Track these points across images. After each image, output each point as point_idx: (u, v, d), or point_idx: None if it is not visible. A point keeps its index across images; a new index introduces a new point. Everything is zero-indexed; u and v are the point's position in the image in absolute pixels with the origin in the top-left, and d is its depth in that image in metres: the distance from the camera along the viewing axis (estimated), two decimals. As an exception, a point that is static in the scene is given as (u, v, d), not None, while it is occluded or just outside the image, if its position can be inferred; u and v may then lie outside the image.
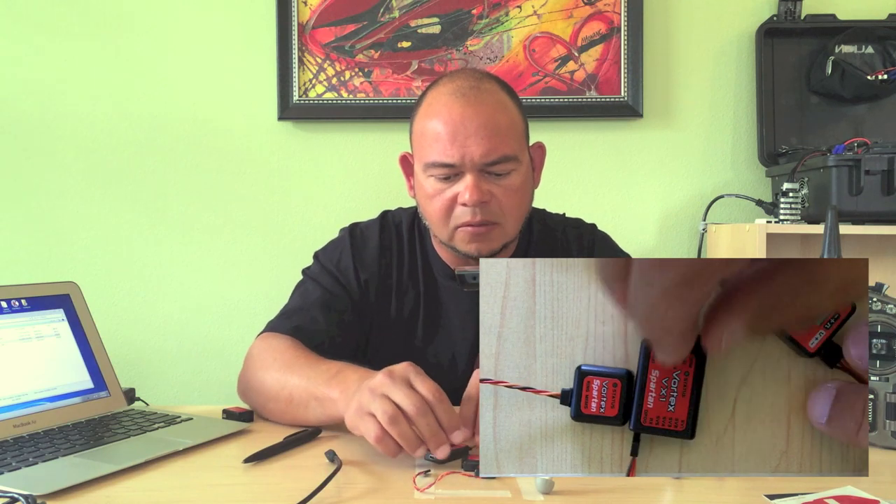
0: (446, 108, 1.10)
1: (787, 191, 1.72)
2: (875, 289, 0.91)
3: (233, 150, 2.04)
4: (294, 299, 1.21)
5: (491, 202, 1.10)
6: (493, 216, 1.11)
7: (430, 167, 1.11)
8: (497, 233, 1.13)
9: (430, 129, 1.11)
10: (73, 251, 2.04)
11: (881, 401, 0.90)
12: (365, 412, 0.82)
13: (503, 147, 1.09)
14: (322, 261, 1.24)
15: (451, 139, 1.08)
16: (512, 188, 1.12)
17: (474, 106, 1.09)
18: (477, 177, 1.08)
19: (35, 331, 1.01)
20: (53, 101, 2.03)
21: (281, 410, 1.02)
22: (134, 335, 2.03)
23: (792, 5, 1.97)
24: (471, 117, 1.08)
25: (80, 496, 0.75)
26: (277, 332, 1.14)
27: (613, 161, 2.04)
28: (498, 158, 1.09)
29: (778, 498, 0.73)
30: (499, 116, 1.10)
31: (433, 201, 1.12)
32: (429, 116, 1.12)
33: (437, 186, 1.12)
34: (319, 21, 2.01)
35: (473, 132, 1.07)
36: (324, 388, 0.94)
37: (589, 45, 2.01)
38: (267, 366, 1.06)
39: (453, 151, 1.08)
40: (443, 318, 1.21)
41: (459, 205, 1.10)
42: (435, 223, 1.15)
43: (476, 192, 1.08)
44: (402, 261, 1.23)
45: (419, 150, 1.14)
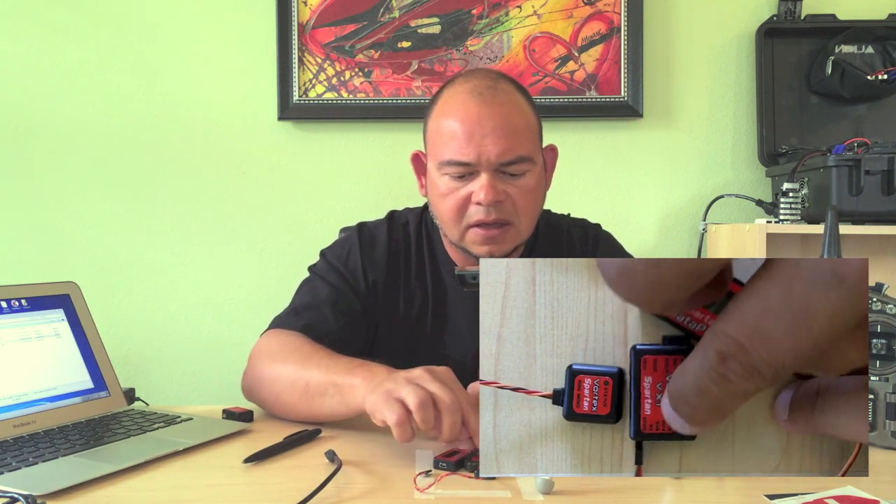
0: (463, 106, 1.10)
1: (787, 191, 1.72)
2: (875, 289, 0.91)
3: (233, 150, 2.04)
4: (302, 296, 1.20)
5: (506, 202, 1.10)
6: (507, 216, 1.11)
7: (445, 165, 1.11)
8: (511, 234, 1.12)
9: (445, 128, 1.11)
10: (73, 251, 2.04)
11: (881, 401, 0.90)
12: (393, 397, 0.82)
13: (519, 147, 1.09)
14: (330, 259, 1.23)
15: (468, 138, 1.08)
16: (527, 189, 1.12)
17: (491, 106, 1.09)
18: (492, 176, 1.09)
19: (35, 331, 1.01)
20: (53, 101, 2.03)
21: (295, 401, 1.00)
22: (134, 335, 2.03)
23: (792, 5, 1.97)
24: (487, 117, 1.08)
25: (80, 496, 0.75)
26: (286, 328, 1.13)
27: (613, 161, 2.04)
28: (514, 159, 1.09)
29: (778, 498, 0.73)
30: (515, 117, 1.11)
31: (446, 200, 1.12)
32: (445, 115, 1.12)
33: (451, 185, 1.11)
34: (319, 21, 2.01)
35: (490, 132, 1.08)
36: (346, 375, 0.93)
37: (589, 45, 2.01)
38: (283, 359, 1.04)
39: (469, 150, 1.08)
40: (451, 318, 1.21)
41: (474, 204, 1.10)
42: (447, 222, 1.15)
43: (492, 192, 1.08)
44: (409, 261, 1.23)
45: (434, 148, 1.14)
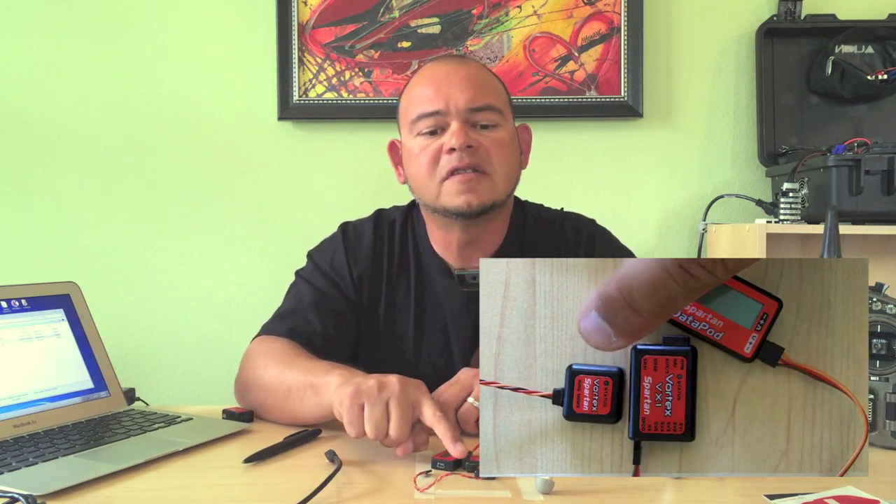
0: (431, 69, 1.16)
1: (787, 191, 1.72)
2: (875, 289, 0.91)
3: (233, 150, 2.04)
4: (288, 301, 1.21)
5: (479, 149, 1.11)
6: (480, 162, 1.11)
7: (417, 122, 1.13)
8: (486, 184, 1.11)
9: (416, 93, 1.15)
10: (73, 251, 2.04)
11: (881, 401, 0.90)
12: (359, 391, 0.84)
13: (487, 97, 1.12)
14: (316, 260, 1.24)
15: (436, 90, 1.12)
16: (500, 141, 1.13)
17: (458, 65, 1.15)
18: (463, 123, 1.11)
19: (35, 331, 1.01)
20: (53, 101, 2.03)
21: (279, 406, 1.01)
22: (134, 335, 2.03)
23: (792, 5, 1.97)
24: (455, 72, 1.13)
25: (80, 496, 0.75)
26: (272, 334, 1.14)
27: (613, 161, 2.04)
28: (482, 105, 1.11)
29: (778, 498, 0.73)
30: (482, 74, 1.16)
31: (419, 157, 1.13)
32: (413, 85, 1.17)
33: (423, 143, 1.13)
34: (319, 21, 2.01)
35: (457, 83, 1.12)
36: (322, 376, 0.95)
37: (589, 45, 2.01)
38: (265, 365, 1.06)
39: (438, 99, 1.11)
40: (437, 314, 1.21)
41: (445, 153, 1.11)
42: (422, 182, 1.14)
43: (462, 135, 1.09)
44: (393, 256, 1.23)
45: (405, 115, 1.16)
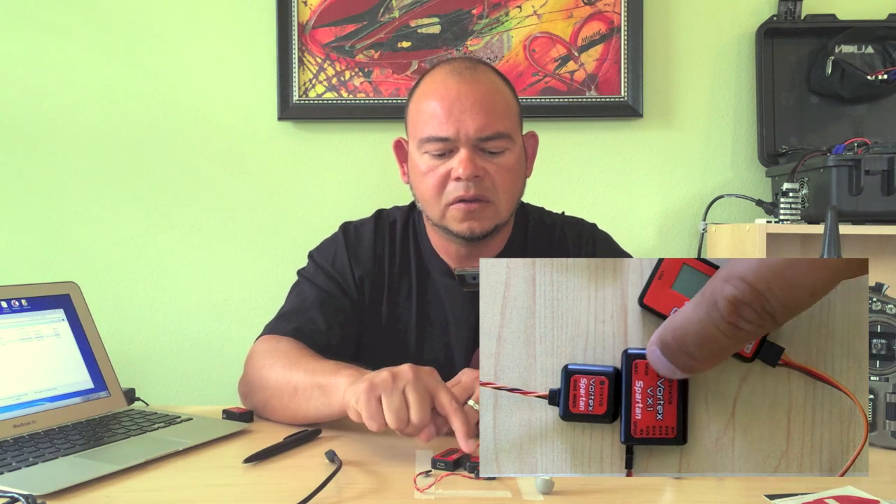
0: (443, 85, 1.12)
1: (787, 191, 1.72)
2: (875, 289, 0.91)
3: (233, 150, 2.04)
4: (291, 300, 1.21)
5: (485, 178, 1.11)
6: (486, 192, 1.11)
7: (426, 142, 1.12)
8: (490, 212, 1.13)
9: (426, 107, 1.13)
10: (74, 251, 2.04)
11: (881, 401, 0.90)
12: (374, 385, 0.84)
13: (497, 124, 1.11)
14: (317, 260, 1.25)
15: (447, 114, 1.10)
16: (506, 167, 1.13)
17: (470, 84, 1.11)
18: (471, 152, 1.10)
19: (35, 331, 1.01)
20: (53, 101, 2.03)
21: (284, 405, 1.01)
22: (134, 335, 2.03)
23: (792, 5, 1.97)
24: (467, 94, 1.10)
25: (80, 496, 0.75)
26: (277, 334, 1.14)
27: (613, 161, 2.04)
28: (492, 134, 1.10)
29: (778, 498, 0.73)
30: (494, 96, 1.13)
31: (426, 178, 1.13)
32: (425, 96, 1.14)
33: (431, 163, 1.13)
34: (319, 21, 2.01)
35: (469, 108, 1.10)
36: (330, 376, 0.95)
37: (589, 45, 2.01)
38: (270, 364, 1.06)
39: (449, 125, 1.10)
40: (438, 314, 1.21)
41: (453, 180, 1.11)
42: (428, 201, 1.15)
43: (470, 166, 1.09)
44: (395, 256, 1.24)
45: (414, 127, 1.15)
